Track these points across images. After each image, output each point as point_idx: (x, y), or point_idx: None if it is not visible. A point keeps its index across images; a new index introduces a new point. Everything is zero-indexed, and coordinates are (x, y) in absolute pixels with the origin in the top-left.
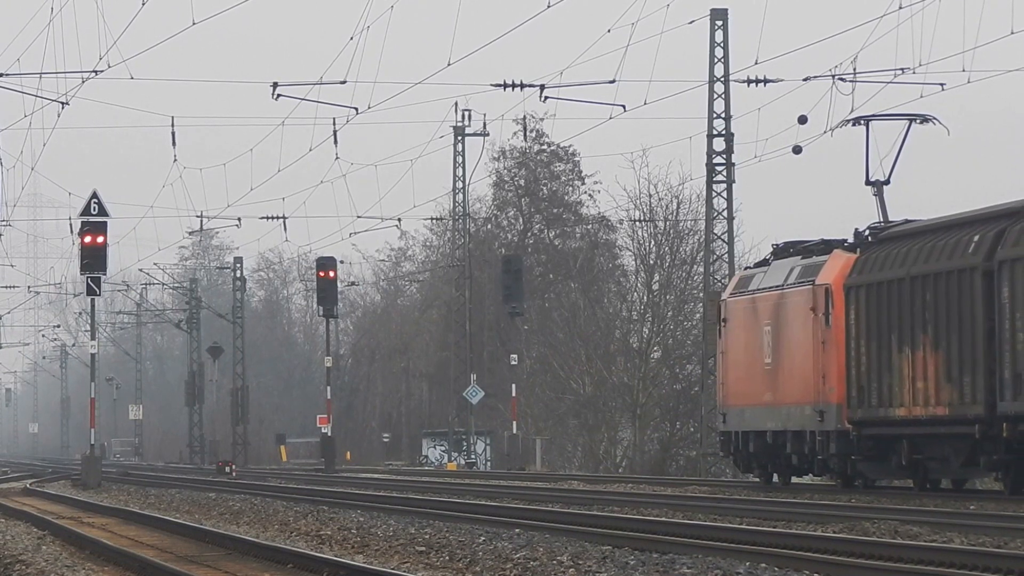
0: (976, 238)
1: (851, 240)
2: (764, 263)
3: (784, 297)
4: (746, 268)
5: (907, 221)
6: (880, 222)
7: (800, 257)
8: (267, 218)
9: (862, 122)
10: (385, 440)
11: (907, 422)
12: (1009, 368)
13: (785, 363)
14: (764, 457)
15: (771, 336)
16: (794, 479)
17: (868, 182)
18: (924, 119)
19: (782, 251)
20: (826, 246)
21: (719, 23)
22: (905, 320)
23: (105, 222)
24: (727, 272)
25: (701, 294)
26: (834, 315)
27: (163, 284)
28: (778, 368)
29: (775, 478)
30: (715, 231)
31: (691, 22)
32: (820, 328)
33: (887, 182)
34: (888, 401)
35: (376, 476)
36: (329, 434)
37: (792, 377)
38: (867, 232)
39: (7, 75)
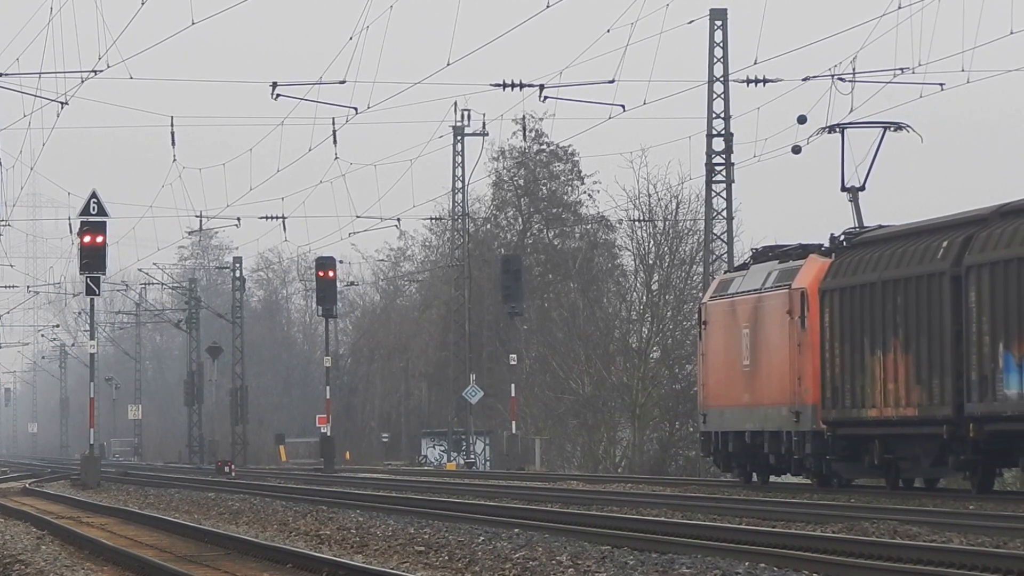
0: (945, 244)
1: (827, 245)
2: (744, 267)
3: (762, 300)
4: (726, 272)
5: (880, 227)
6: (855, 227)
7: (778, 261)
8: (266, 218)
9: (837, 130)
10: (384, 440)
11: (879, 422)
12: (976, 370)
13: (763, 365)
14: (743, 457)
15: (749, 338)
16: (772, 478)
17: (843, 188)
18: (898, 127)
19: (761, 255)
20: (803, 251)
21: (718, 23)
22: (877, 323)
23: (104, 222)
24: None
25: (700, 294)
26: (809, 318)
27: (162, 284)
28: (756, 370)
29: (754, 477)
30: (714, 231)
31: (690, 22)
32: (796, 331)
33: (862, 188)
34: (861, 402)
35: (375, 476)
36: (328, 434)
37: (769, 379)
38: (842, 237)
39: (7, 75)
